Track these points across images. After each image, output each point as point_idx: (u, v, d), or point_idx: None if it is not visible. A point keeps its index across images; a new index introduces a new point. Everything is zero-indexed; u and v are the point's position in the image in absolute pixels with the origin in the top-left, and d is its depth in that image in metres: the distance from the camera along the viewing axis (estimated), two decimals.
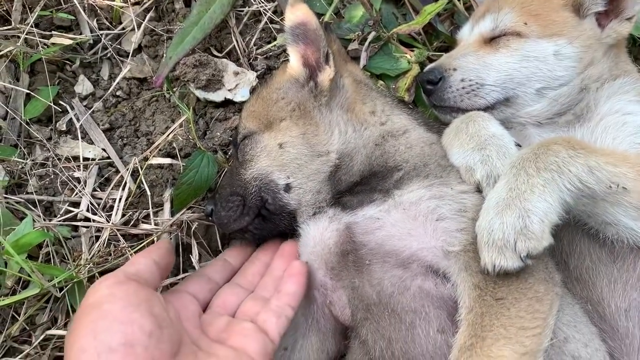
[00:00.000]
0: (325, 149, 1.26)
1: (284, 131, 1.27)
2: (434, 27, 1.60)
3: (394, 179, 1.19)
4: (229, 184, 1.32)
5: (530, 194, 1.01)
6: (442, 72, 1.36)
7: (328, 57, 1.27)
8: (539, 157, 1.05)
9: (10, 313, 1.34)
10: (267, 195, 1.26)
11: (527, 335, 0.97)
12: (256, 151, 1.29)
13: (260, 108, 1.33)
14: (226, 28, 1.58)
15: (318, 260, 1.23)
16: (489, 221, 1.02)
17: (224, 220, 1.28)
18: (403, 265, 1.11)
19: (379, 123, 1.30)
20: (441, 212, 1.10)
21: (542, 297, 1.02)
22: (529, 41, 1.33)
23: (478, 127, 1.21)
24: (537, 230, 0.98)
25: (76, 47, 1.57)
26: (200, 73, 1.47)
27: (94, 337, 0.89)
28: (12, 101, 1.50)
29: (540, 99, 1.34)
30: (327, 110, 1.28)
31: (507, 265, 0.98)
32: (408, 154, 1.23)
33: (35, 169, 1.47)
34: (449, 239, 1.08)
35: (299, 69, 1.30)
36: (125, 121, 1.52)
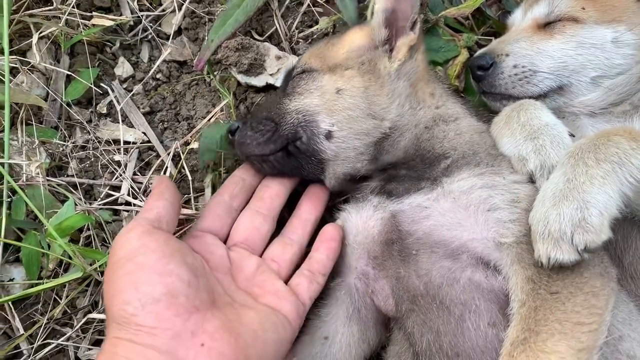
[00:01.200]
0: (381, 114, 1.21)
1: (346, 78, 1.21)
2: (481, 12, 1.56)
3: (442, 166, 1.15)
4: (265, 109, 1.27)
5: (590, 185, 0.97)
6: (494, 58, 1.31)
7: (415, 24, 1.22)
8: (599, 148, 1.01)
9: (54, 297, 1.34)
10: (303, 133, 1.20)
11: (583, 330, 0.94)
12: (310, 87, 1.23)
13: (327, 52, 1.28)
14: (268, 11, 1.55)
15: (360, 249, 1.20)
16: (545, 212, 0.98)
17: (247, 140, 1.21)
18: (452, 256, 1.08)
19: (434, 106, 1.26)
20: (493, 202, 1.06)
21: (598, 292, 0.98)
22: (586, 27, 1.28)
23: (530, 116, 1.17)
24: (596, 223, 0.94)
25: (116, 29, 1.55)
26: (242, 57, 1.44)
27: (135, 289, 0.89)
28: (52, 83, 1.49)
29: (595, 88, 1.28)
30: (395, 77, 1.23)
31: (562, 258, 0.94)
32: (457, 140, 1.19)
33: (75, 152, 1.46)
34: (501, 230, 1.04)
35: (380, 29, 1.25)
36: (166, 105, 1.50)
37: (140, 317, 0.87)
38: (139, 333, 0.87)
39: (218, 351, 0.90)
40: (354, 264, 1.22)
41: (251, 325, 0.98)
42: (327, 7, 1.55)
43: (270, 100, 1.32)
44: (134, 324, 0.87)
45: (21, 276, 1.35)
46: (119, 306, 0.89)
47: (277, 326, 1.03)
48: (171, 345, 0.87)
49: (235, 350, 0.92)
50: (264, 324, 1.00)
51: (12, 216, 1.33)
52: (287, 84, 1.29)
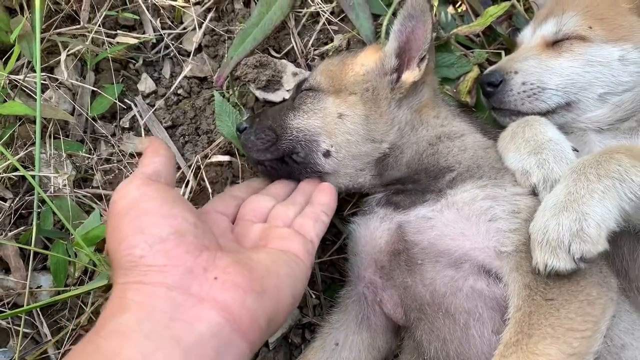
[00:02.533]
0: (380, 138, 1.26)
1: (349, 104, 1.27)
2: (491, 29, 1.60)
3: (447, 179, 1.20)
4: (272, 117, 1.33)
5: (590, 198, 1.01)
6: (503, 75, 1.36)
7: (422, 61, 1.26)
8: (601, 164, 1.05)
9: (79, 304, 1.40)
10: (301, 149, 1.27)
11: (575, 336, 0.97)
12: (314, 107, 1.29)
13: (338, 72, 1.32)
14: (285, 29, 1.61)
15: (367, 259, 1.25)
16: (545, 222, 1.02)
17: (249, 144, 1.31)
18: (455, 266, 1.12)
19: (439, 125, 1.31)
20: (494, 213, 1.11)
21: (594, 301, 1.01)
22: (593, 45, 1.32)
23: (535, 132, 1.21)
24: (594, 234, 0.98)
25: (139, 46, 1.62)
26: (260, 74, 1.50)
27: (141, 232, 0.86)
28: (79, 98, 1.55)
29: (602, 105, 1.32)
30: (396, 107, 1.28)
31: (559, 266, 0.98)
32: (461, 156, 1.23)
33: (100, 164, 1.52)
34: (501, 239, 1.08)
35: (391, 57, 1.29)
36: (187, 119, 1.56)
37: (149, 258, 0.84)
38: (148, 273, 0.83)
39: (233, 282, 0.86)
40: (363, 273, 1.27)
41: (263, 262, 0.96)
42: (341, 25, 1.60)
43: (278, 108, 1.37)
44: (143, 265, 0.84)
45: (48, 284, 1.41)
46: (126, 251, 0.85)
47: (289, 262, 1.00)
48: (183, 280, 0.83)
49: (250, 281, 0.88)
50: (275, 261, 0.98)
51: (41, 226, 1.39)
52: (296, 94, 1.35)
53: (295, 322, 1.45)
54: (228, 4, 1.65)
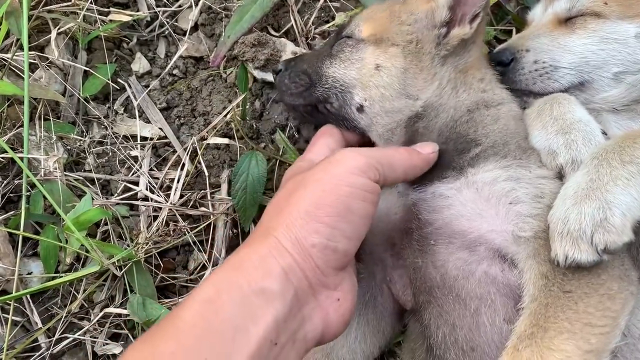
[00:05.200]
0: (415, 94, 1.19)
1: (389, 55, 1.20)
2: (500, 7, 1.54)
3: (470, 155, 1.13)
4: (308, 62, 1.28)
5: (613, 185, 0.95)
6: (514, 53, 1.29)
7: (475, 18, 1.20)
8: (625, 150, 0.99)
9: (71, 291, 1.35)
10: (335, 100, 1.22)
11: (593, 332, 0.92)
12: (352, 57, 1.23)
13: (382, 19, 1.25)
14: (284, 7, 1.54)
15: (379, 235, 1.19)
16: (565, 211, 0.96)
17: (283, 87, 1.27)
18: (469, 248, 1.07)
19: (481, 90, 1.24)
20: (516, 195, 1.05)
21: (614, 295, 0.96)
22: (609, 22, 1.25)
23: (563, 110, 1.15)
24: (618, 223, 0.92)
25: (133, 25, 1.55)
26: (259, 53, 1.44)
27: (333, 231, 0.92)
28: (70, 78, 1.49)
29: (617, 84, 1.26)
30: (440, 63, 1.21)
31: (580, 258, 0.92)
32: (490, 127, 1.16)
33: (93, 147, 1.47)
34: (521, 223, 1.03)
35: (443, 9, 1.21)
36: (182, 100, 1.50)
37: (316, 254, 0.89)
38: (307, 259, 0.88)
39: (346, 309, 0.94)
40: (374, 249, 1.21)
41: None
42: (343, 2, 1.54)
43: (316, 53, 1.32)
44: (307, 253, 0.88)
45: (39, 270, 1.36)
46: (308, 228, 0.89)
47: None
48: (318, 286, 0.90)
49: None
50: None
51: (30, 210, 1.35)
52: (334, 41, 1.29)
53: None
54: None
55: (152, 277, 1.37)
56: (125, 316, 1.34)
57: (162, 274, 1.38)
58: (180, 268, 1.43)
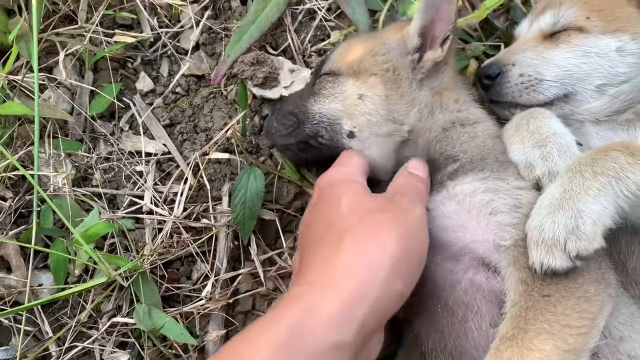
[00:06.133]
0: (401, 120, 1.25)
1: (369, 85, 1.26)
2: (489, 23, 1.59)
3: (449, 170, 1.19)
4: (293, 102, 1.33)
5: (585, 195, 1.00)
6: (501, 67, 1.35)
7: (445, 41, 1.26)
8: (597, 162, 1.04)
9: (80, 301, 1.41)
10: (325, 132, 1.26)
11: (571, 333, 0.96)
12: (334, 91, 1.28)
13: (358, 52, 1.31)
14: (281, 26, 1.61)
15: None
16: (540, 220, 1.01)
17: (272, 130, 1.32)
18: (455, 258, 1.12)
19: (456, 110, 1.29)
20: (495, 206, 1.10)
21: (591, 298, 1.00)
22: (591, 36, 1.31)
23: (539, 124, 1.20)
24: (589, 231, 0.97)
25: (137, 45, 1.62)
26: (257, 71, 1.50)
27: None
28: (77, 97, 1.56)
29: (600, 96, 1.31)
30: (417, 87, 1.27)
31: (555, 264, 0.97)
32: (468, 144, 1.22)
33: (99, 163, 1.53)
34: (501, 232, 1.08)
35: (414, 36, 1.27)
36: (185, 117, 1.57)
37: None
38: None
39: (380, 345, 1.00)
40: None
41: None
42: (338, 22, 1.60)
43: (298, 94, 1.37)
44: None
45: (49, 282, 1.42)
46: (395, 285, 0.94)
47: None
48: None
49: None
50: None
51: (41, 225, 1.40)
52: (315, 79, 1.34)
53: None
54: (225, 1, 1.65)
55: (157, 287, 1.42)
56: (132, 325, 1.39)
57: (167, 284, 1.43)
58: (184, 278, 1.48)
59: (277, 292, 1.48)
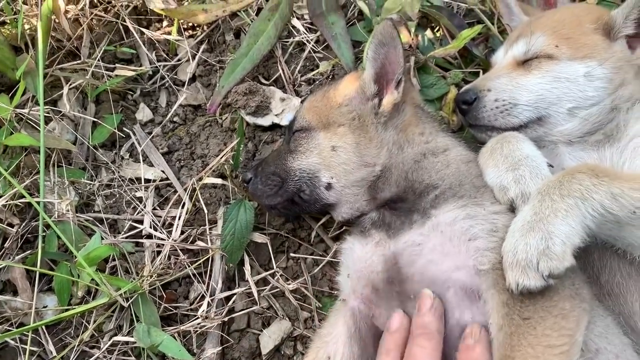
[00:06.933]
0: (373, 162, 1.33)
1: (340, 136, 1.35)
2: (469, 51, 1.68)
3: (430, 197, 1.25)
4: (273, 163, 1.41)
5: (554, 217, 1.06)
6: (477, 93, 1.43)
7: (399, 84, 1.34)
8: (563, 185, 1.10)
9: (83, 322, 1.48)
10: (306, 187, 1.36)
11: (554, 353, 1.01)
12: (309, 146, 1.37)
13: (323, 106, 1.40)
14: (273, 58, 1.71)
15: (364, 279, 1.29)
16: (514, 243, 1.07)
17: (258, 193, 1.40)
18: (441, 294, 1.17)
19: (424, 142, 1.37)
20: (473, 232, 1.15)
21: (567, 314, 1.05)
22: (560, 63, 1.39)
23: (512, 148, 1.27)
24: (559, 251, 1.03)
25: (137, 78, 1.72)
26: (250, 100, 1.59)
27: None
28: (80, 128, 1.65)
29: (571, 119, 1.39)
30: (383, 129, 1.35)
31: (529, 284, 1.02)
32: (444, 171, 1.29)
33: (101, 190, 1.61)
34: (480, 257, 1.13)
35: (370, 84, 1.36)
36: (182, 145, 1.65)
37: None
38: None
39: None
40: (360, 290, 1.30)
41: None
42: (326, 54, 1.70)
43: (276, 153, 1.46)
44: None
45: (54, 304, 1.49)
46: None
47: None
48: None
49: None
50: None
51: (46, 249, 1.48)
52: (289, 137, 1.43)
53: (287, 335, 1.51)
54: (219, 35, 1.75)
55: (156, 307, 1.49)
56: (132, 344, 1.45)
57: (166, 304, 1.50)
58: (182, 298, 1.55)
59: (270, 311, 1.54)
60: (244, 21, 1.73)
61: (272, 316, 1.54)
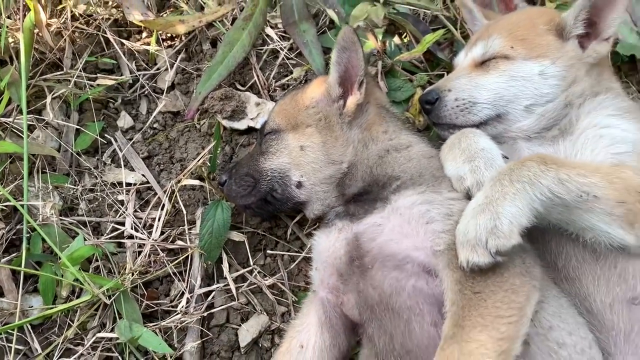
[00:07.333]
0: (340, 159, 1.42)
1: (307, 136, 1.43)
2: (434, 55, 1.77)
3: (393, 187, 1.33)
4: (247, 165, 1.49)
5: (502, 200, 1.13)
6: (439, 93, 1.51)
7: (361, 85, 1.42)
8: (514, 172, 1.18)
9: (67, 321, 1.53)
10: (278, 186, 1.44)
11: (502, 322, 1.08)
12: (279, 147, 1.45)
13: (291, 109, 1.48)
14: (248, 65, 1.79)
15: (330, 267, 1.37)
16: (466, 224, 1.15)
17: (233, 194, 1.48)
18: (399, 267, 1.25)
19: (387, 139, 1.45)
20: (431, 215, 1.24)
21: (517, 289, 1.12)
22: (516, 62, 1.47)
23: (469, 142, 1.35)
24: (506, 230, 1.10)
25: (118, 87, 1.80)
26: (226, 105, 1.67)
27: None
28: (64, 136, 1.72)
29: (529, 115, 1.46)
30: (348, 128, 1.44)
31: (478, 261, 1.10)
32: (406, 165, 1.37)
33: (85, 194, 1.68)
34: (436, 239, 1.21)
35: (335, 86, 1.45)
36: (162, 149, 1.73)
37: None
38: None
39: None
40: (327, 279, 1.39)
41: None
42: (298, 60, 1.78)
43: (249, 156, 1.54)
44: None
45: (39, 304, 1.54)
46: None
47: None
48: None
49: None
50: None
51: (31, 251, 1.54)
52: (261, 139, 1.51)
53: (265, 328, 1.57)
54: (197, 45, 1.83)
55: (138, 304, 1.55)
56: (115, 340, 1.51)
57: (147, 301, 1.56)
58: (163, 296, 1.61)
59: (249, 306, 1.60)
60: (219, 31, 1.81)
61: (251, 311, 1.60)
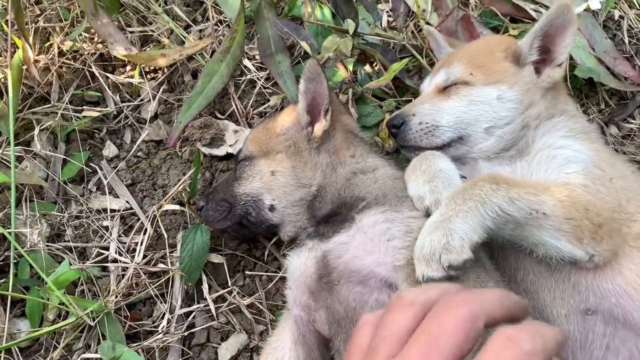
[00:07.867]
0: (309, 183, 1.50)
1: (278, 162, 1.52)
2: (403, 82, 1.87)
3: (359, 207, 1.41)
4: (222, 190, 1.58)
5: (455, 217, 1.21)
6: (404, 118, 1.60)
7: (327, 112, 1.52)
8: (467, 191, 1.25)
9: (53, 343, 1.59)
10: (252, 210, 1.53)
11: None
12: (252, 173, 1.54)
13: (263, 137, 1.58)
14: (227, 94, 1.88)
15: (302, 286, 1.43)
16: (422, 240, 1.21)
17: (210, 218, 1.57)
18: (363, 282, 1.31)
19: (354, 163, 1.53)
20: (392, 233, 1.31)
21: None
22: (475, 88, 1.57)
23: (429, 164, 1.42)
24: (458, 245, 1.17)
25: (103, 118, 1.89)
26: (205, 133, 1.76)
27: None
28: (52, 165, 1.81)
29: (489, 137, 1.55)
30: (316, 153, 1.52)
31: (433, 275, 1.16)
32: (372, 186, 1.45)
33: (71, 221, 1.75)
34: (396, 255, 1.28)
35: (303, 114, 1.54)
36: (145, 177, 1.81)
37: None
38: None
39: None
40: (299, 297, 1.45)
41: None
42: (275, 90, 1.88)
43: (224, 182, 1.62)
44: None
45: (27, 327, 1.61)
46: None
47: None
48: None
49: None
50: None
51: (18, 276, 1.61)
52: (236, 166, 1.60)
53: (244, 346, 1.63)
54: (178, 77, 1.93)
55: (121, 325, 1.61)
56: None
57: (130, 322, 1.62)
58: (146, 317, 1.67)
59: (228, 325, 1.66)
60: (200, 63, 1.91)
61: (230, 330, 1.66)
